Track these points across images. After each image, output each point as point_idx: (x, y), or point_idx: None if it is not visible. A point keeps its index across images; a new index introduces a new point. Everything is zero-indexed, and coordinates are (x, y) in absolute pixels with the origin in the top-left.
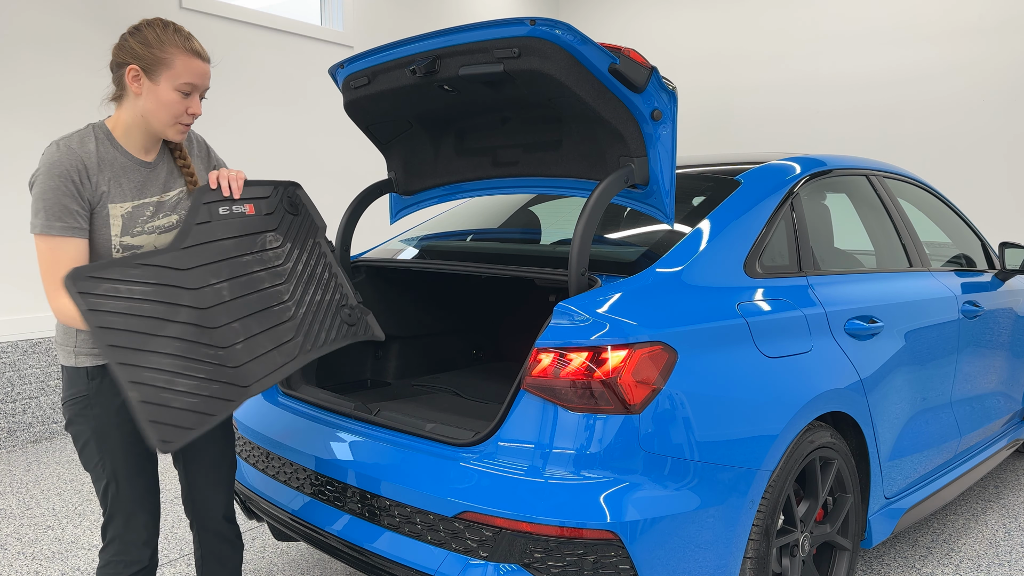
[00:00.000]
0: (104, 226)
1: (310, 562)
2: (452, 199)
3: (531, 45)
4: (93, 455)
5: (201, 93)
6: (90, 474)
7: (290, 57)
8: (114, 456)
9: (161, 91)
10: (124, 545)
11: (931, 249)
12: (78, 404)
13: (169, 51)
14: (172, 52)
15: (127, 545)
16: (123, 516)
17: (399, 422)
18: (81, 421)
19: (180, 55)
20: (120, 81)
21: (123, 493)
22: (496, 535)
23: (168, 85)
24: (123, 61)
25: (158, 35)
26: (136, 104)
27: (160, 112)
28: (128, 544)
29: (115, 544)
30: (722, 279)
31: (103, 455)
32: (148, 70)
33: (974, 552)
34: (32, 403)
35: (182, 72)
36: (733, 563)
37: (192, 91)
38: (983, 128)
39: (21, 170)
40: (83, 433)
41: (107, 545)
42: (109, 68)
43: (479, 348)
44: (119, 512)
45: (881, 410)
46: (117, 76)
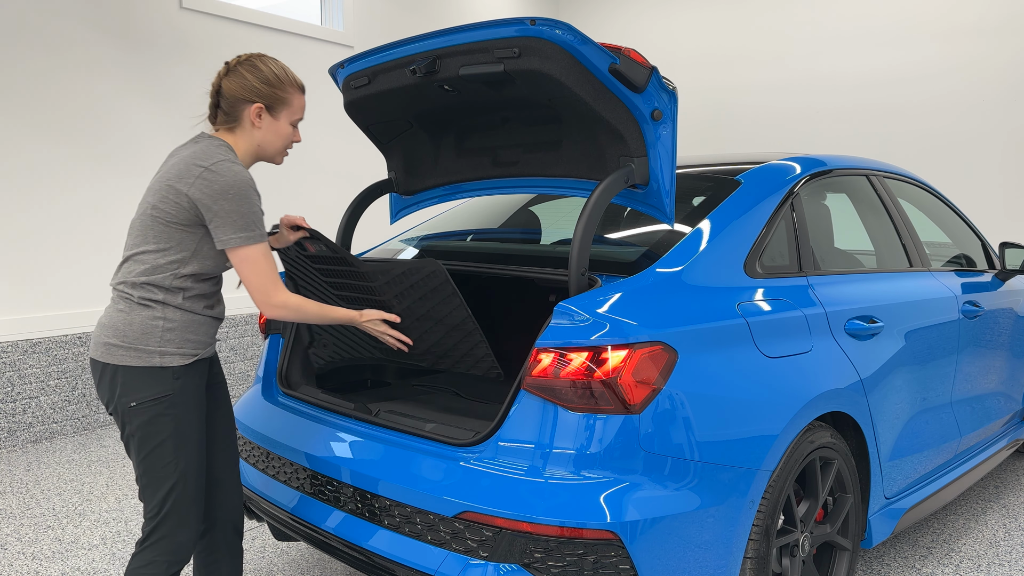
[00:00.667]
0: None
1: (310, 562)
2: (452, 199)
3: (531, 45)
4: (168, 454)
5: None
6: (148, 476)
7: (290, 57)
8: (188, 456)
9: (280, 126)
10: (173, 545)
11: (931, 249)
12: (162, 404)
13: (289, 91)
14: (291, 92)
15: (176, 546)
16: (179, 517)
17: (399, 422)
18: (163, 421)
19: (296, 94)
20: (237, 114)
21: (187, 493)
22: (496, 535)
23: (286, 120)
24: (246, 98)
25: (277, 75)
26: (253, 135)
27: (277, 142)
28: (177, 545)
29: (163, 543)
30: (722, 279)
31: (179, 454)
32: (271, 108)
33: (974, 552)
34: (32, 403)
35: (297, 109)
36: (733, 563)
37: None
38: (983, 128)
39: (21, 171)
40: (161, 433)
41: (152, 544)
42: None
43: None
44: (177, 512)
45: (881, 410)
46: (234, 109)
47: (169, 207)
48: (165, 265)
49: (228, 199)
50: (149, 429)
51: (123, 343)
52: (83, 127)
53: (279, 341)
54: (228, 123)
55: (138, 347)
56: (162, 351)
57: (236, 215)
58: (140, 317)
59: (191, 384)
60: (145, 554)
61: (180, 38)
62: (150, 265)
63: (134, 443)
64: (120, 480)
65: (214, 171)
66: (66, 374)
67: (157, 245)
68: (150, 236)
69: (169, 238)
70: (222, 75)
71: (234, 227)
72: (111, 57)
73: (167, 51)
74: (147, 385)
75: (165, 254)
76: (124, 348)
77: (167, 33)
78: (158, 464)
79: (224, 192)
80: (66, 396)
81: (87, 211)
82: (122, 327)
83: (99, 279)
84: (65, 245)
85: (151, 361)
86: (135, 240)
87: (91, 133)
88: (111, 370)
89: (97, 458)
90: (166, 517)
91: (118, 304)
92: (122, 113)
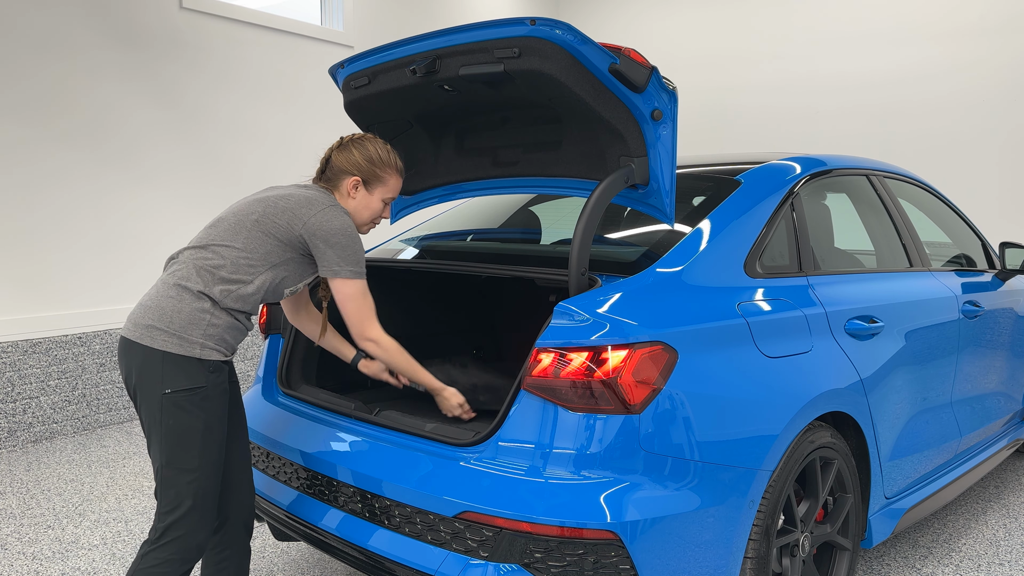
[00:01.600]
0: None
1: (310, 562)
2: (452, 199)
3: (531, 45)
4: (193, 447)
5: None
6: (170, 468)
7: (290, 57)
8: (212, 451)
9: (373, 201)
10: (190, 544)
11: (931, 249)
12: (196, 395)
13: (388, 172)
14: (389, 173)
15: (192, 545)
16: (199, 514)
17: (399, 422)
18: (194, 412)
19: (394, 176)
20: (338, 182)
21: (207, 487)
22: (496, 535)
23: (379, 197)
24: (348, 171)
25: (381, 157)
26: (347, 203)
27: (365, 214)
28: (194, 544)
29: (179, 542)
30: (722, 279)
31: (204, 448)
32: (368, 183)
33: (974, 552)
34: (32, 403)
35: (392, 189)
36: (733, 563)
37: (390, 202)
38: (983, 128)
39: (21, 171)
40: (191, 423)
41: (168, 542)
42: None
43: (479, 348)
44: (196, 509)
45: (881, 410)
46: (336, 177)
47: (280, 221)
48: (243, 266)
49: (344, 236)
50: (176, 418)
51: (168, 328)
52: (83, 127)
53: (279, 341)
54: (327, 184)
55: (182, 335)
56: (203, 344)
57: (350, 251)
58: (190, 307)
59: (221, 381)
60: (159, 552)
61: (180, 38)
62: (228, 261)
63: (161, 431)
64: (120, 480)
65: (335, 210)
66: (66, 374)
67: (244, 246)
68: (240, 237)
69: (260, 245)
70: (334, 148)
71: (346, 261)
72: (111, 57)
73: (167, 51)
74: (186, 375)
75: (248, 257)
76: (168, 334)
77: (167, 33)
78: (183, 455)
79: (342, 230)
80: (66, 396)
81: (87, 211)
82: (170, 313)
83: (99, 279)
84: (65, 245)
85: (191, 351)
86: (220, 235)
87: (91, 133)
88: (148, 353)
89: (97, 458)
90: (187, 513)
91: (169, 291)
92: (122, 113)
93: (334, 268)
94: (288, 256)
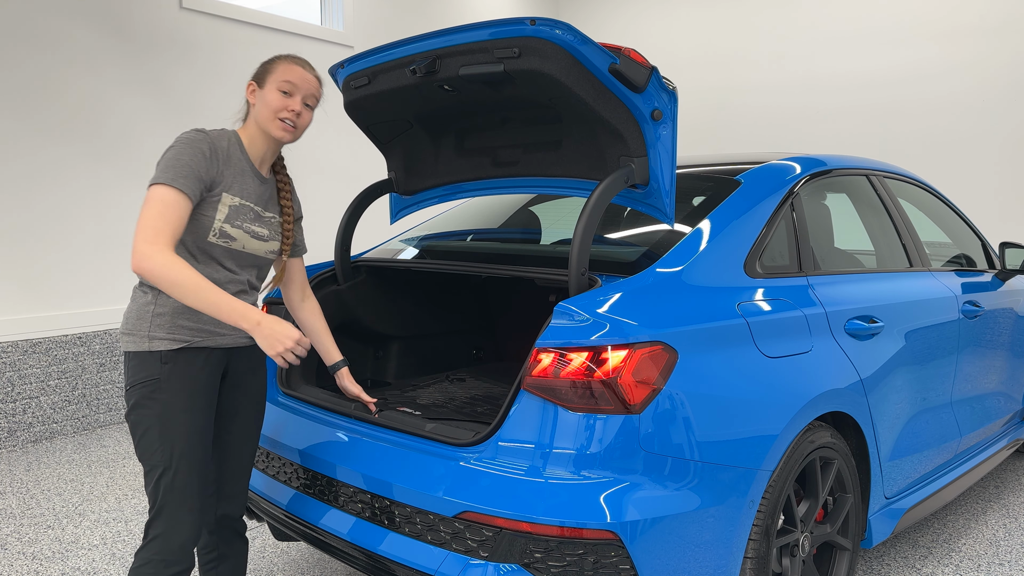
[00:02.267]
0: (211, 208)
1: (310, 562)
2: (452, 199)
3: (531, 45)
4: (154, 442)
5: (306, 99)
6: (144, 465)
7: None
8: (175, 442)
9: (267, 94)
10: (169, 545)
11: (931, 249)
12: (147, 387)
13: (275, 63)
14: (276, 62)
15: (173, 546)
16: (171, 510)
17: (399, 422)
18: (148, 405)
19: (282, 62)
20: (246, 102)
21: (177, 483)
22: (496, 535)
23: (272, 87)
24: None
25: (272, 57)
26: (253, 115)
27: (264, 111)
28: (171, 544)
29: (158, 542)
30: (722, 279)
31: (164, 441)
32: (259, 80)
33: (974, 552)
34: (32, 403)
35: (281, 73)
36: (733, 563)
37: (292, 91)
38: (983, 128)
39: (21, 170)
40: (147, 418)
41: (149, 543)
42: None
43: (479, 348)
44: (168, 505)
45: (881, 410)
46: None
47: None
48: None
49: (167, 152)
50: (135, 415)
51: (124, 329)
52: (83, 127)
53: None
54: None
55: (133, 332)
56: (151, 335)
57: (163, 161)
58: (137, 304)
59: (182, 371)
60: (143, 553)
61: (180, 38)
62: None
63: (129, 427)
64: (120, 480)
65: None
66: (66, 374)
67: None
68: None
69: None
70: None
71: (159, 169)
72: (112, 57)
73: (167, 51)
74: (139, 369)
75: None
76: (125, 334)
77: (167, 33)
78: (146, 453)
79: (168, 148)
80: (66, 396)
81: (87, 211)
82: (125, 314)
83: (99, 279)
84: (65, 245)
85: (141, 346)
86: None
87: (91, 133)
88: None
89: (97, 458)
90: (160, 512)
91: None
92: (122, 113)
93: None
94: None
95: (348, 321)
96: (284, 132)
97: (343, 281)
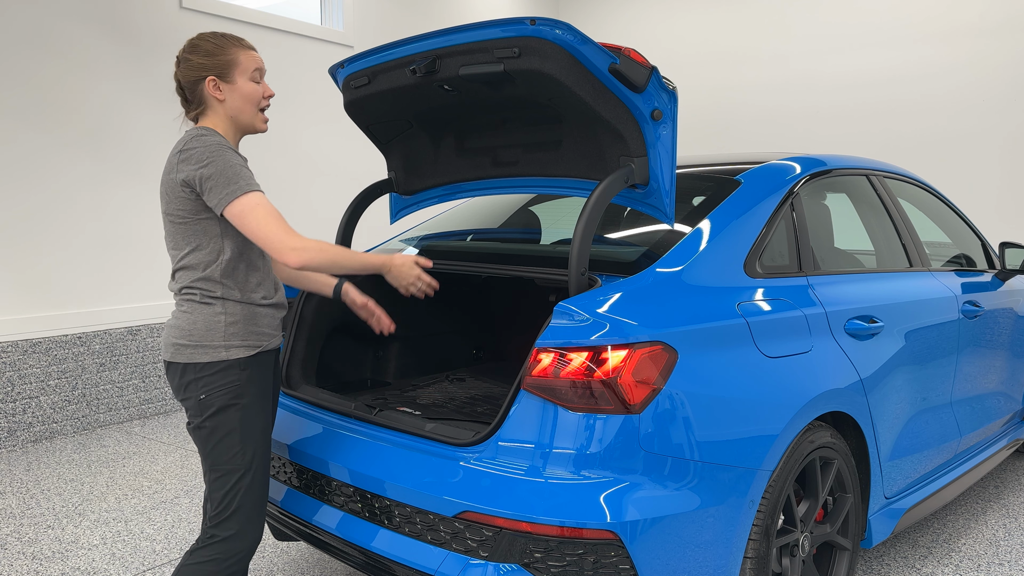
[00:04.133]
0: None
1: (310, 562)
2: (452, 199)
3: (531, 45)
4: (234, 445)
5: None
6: (218, 469)
7: (290, 57)
8: (255, 445)
9: (241, 86)
10: (238, 544)
11: (931, 249)
12: (229, 394)
13: (231, 52)
14: (233, 51)
15: (240, 545)
16: (247, 512)
17: (399, 422)
18: (230, 411)
19: (239, 51)
20: (200, 97)
21: (254, 485)
22: (496, 535)
23: (243, 79)
24: (199, 78)
25: (215, 44)
26: (221, 109)
27: (245, 106)
28: (241, 544)
29: (225, 544)
30: (722, 279)
31: (245, 445)
32: (223, 75)
33: (974, 552)
34: (32, 403)
35: (248, 65)
36: (733, 563)
37: (261, 77)
38: (983, 127)
39: (21, 170)
40: (229, 423)
41: (217, 543)
42: (178, 92)
43: (479, 348)
44: (245, 507)
45: (881, 410)
46: (195, 93)
47: (177, 206)
48: (209, 260)
49: (206, 165)
50: (215, 420)
51: (190, 342)
52: (83, 127)
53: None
54: (197, 108)
55: (204, 343)
56: (227, 345)
57: (218, 175)
58: (203, 315)
59: (257, 375)
60: (205, 551)
61: (180, 38)
62: (199, 263)
63: (202, 435)
64: (120, 480)
65: (189, 148)
66: (66, 374)
67: (191, 245)
68: (180, 240)
69: (195, 234)
70: (176, 68)
71: (220, 188)
72: (111, 57)
73: (167, 51)
74: (220, 376)
75: (203, 250)
76: (192, 346)
77: (167, 33)
78: (225, 455)
79: (200, 160)
80: (66, 396)
81: (87, 211)
82: (187, 327)
83: (99, 279)
84: (65, 245)
85: (217, 355)
86: (173, 250)
87: (91, 133)
88: (181, 368)
89: (97, 458)
90: (234, 513)
91: (182, 307)
92: (122, 113)
93: (215, 203)
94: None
95: (348, 321)
96: (266, 123)
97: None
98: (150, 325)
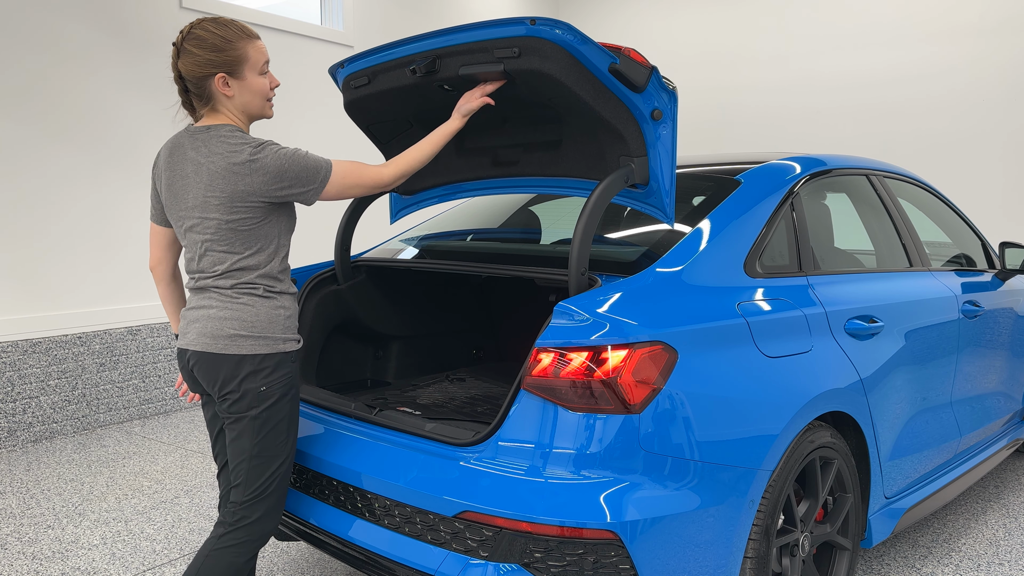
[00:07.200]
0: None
1: (310, 562)
2: (452, 199)
3: (531, 45)
4: (282, 433)
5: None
6: (261, 457)
7: (290, 57)
8: (296, 433)
9: (251, 82)
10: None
11: (931, 249)
12: (285, 385)
13: (240, 47)
14: (243, 46)
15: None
16: (277, 495)
17: (399, 422)
18: (284, 402)
19: (249, 45)
20: (208, 93)
21: (288, 470)
22: (496, 535)
23: (253, 73)
24: (207, 74)
25: (224, 37)
26: (231, 104)
27: (256, 98)
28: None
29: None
30: (722, 279)
31: (290, 432)
32: (231, 70)
33: (974, 552)
34: (32, 403)
35: (257, 55)
36: (733, 563)
37: (267, 68)
38: (983, 127)
39: (21, 170)
40: (282, 412)
41: (246, 525)
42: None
43: (479, 348)
44: (277, 490)
45: (881, 410)
46: (202, 88)
47: (244, 214)
48: (268, 259)
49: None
50: (273, 409)
51: (251, 333)
52: (83, 127)
53: None
54: (207, 104)
55: (265, 335)
56: (285, 338)
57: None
58: (265, 308)
59: (297, 368)
60: (235, 534)
61: None
62: (260, 263)
63: (256, 424)
64: (120, 480)
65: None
66: (66, 374)
67: (251, 249)
68: (239, 245)
69: (258, 238)
70: (175, 59)
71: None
72: (112, 57)
73: (167, 51)
74: (276, 368)
75: (264, 251)
76: (253, 338)
77: (167, 33)
78: (274, 443)
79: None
80: (66, 396)
81: (87, 211)
82: (250, 319)
83: (99, 279)
84: (65, 245)
85: (276, 347)
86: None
87: (91, 133)
88: (237, 359)
89: (97, 458)
90: (269, 496)
91: (240, 299)
92: (122, 113)
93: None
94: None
95: (348, 321)
96: (272, 109)
97: (343, 281)
98: (150, 325)
